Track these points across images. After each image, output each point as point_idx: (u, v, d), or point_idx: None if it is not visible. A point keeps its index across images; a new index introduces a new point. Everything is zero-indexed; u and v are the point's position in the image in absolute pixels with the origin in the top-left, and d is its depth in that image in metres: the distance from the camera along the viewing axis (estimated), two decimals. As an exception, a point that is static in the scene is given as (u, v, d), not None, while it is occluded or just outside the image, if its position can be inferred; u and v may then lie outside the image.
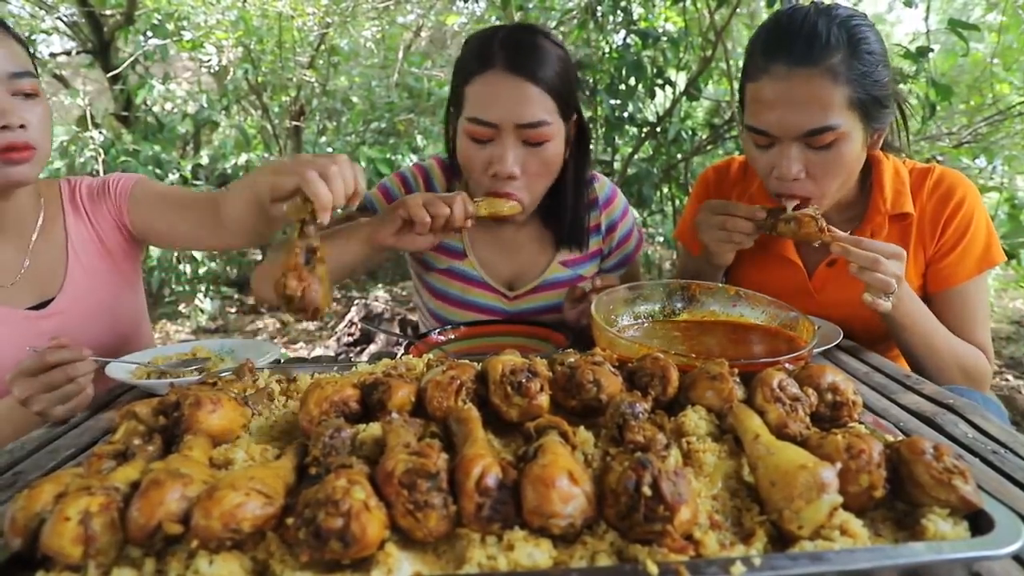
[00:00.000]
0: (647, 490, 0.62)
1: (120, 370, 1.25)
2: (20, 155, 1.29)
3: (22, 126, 1.28)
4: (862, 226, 1.49)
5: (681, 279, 1.65)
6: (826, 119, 1.28)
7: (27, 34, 5.69)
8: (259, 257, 6.02)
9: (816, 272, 1.55)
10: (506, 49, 1.40)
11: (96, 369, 1.17)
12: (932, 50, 3.11)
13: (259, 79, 5.37)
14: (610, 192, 1.74)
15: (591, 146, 1.73)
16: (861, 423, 0.88)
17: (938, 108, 3.16)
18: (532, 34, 1.47)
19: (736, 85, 3.97)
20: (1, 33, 1.31)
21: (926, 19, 3.48)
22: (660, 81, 4.18)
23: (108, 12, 5.27)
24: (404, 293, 6.08)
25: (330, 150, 6.05)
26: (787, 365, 0.96)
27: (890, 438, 0.78)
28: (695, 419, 0.84)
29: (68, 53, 5.97)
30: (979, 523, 0.66)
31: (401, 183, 1.69)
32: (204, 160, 5.82)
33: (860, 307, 1.31)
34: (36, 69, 1.36)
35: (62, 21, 5.66)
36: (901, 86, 3.15)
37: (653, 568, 0.59)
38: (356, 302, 5.07)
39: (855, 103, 1.30)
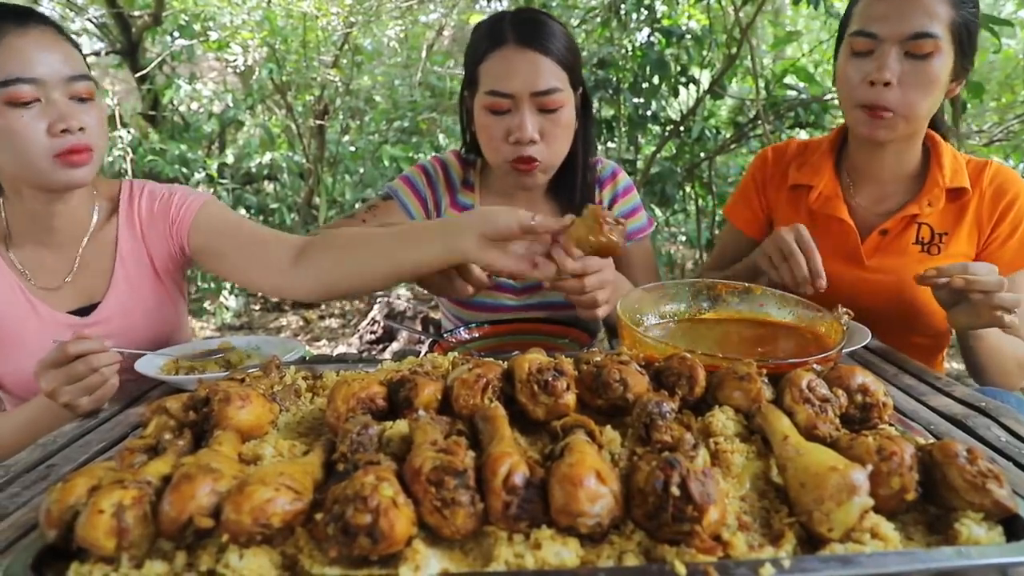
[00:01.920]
0: (675, 490, 0.62)
1: (150, 366, 1.27)
2: (80, 157, 1.30)
3: (81, 129, 1.29)
4: (920, 196, 1.53)
5: (720, 255, 1.76)
6: (932, 26, 1.38)
7: (57, 35, 5.78)
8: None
9: (869, 238, 1.58)
10: (515, 27, 1.50)
11: (120, 361, 1.18)
12: (963, 47, 3.06)
13: (284, 78, 5.42)
14: (611, 172, 1.79)
15: (614, 143, 1.77)
16: (891, 425, 0.86)
17: (969, 106, 3.11)
18: (537, 13, 1.58)
19: (761, 83, 3.95)
20: (57, 37, 1.32)
21: (956, 15, 3.42)
22: (684, 79, 4.16)
23: (136, 13, 5.35)
24: (426, 292, 6.10)
25: (353, 149, 6.09)
26: (816, 366, 0.95)
27: (921, 440, 0.77)
28: (723, 419, 0.83)
29: (97, 54, 6.06)
30: (1014, 528, 0.65)
31: (423, 173, 1.75)
32: (229, 159, 5.89)
33: (907, 277, 1.33)
34: (90, 71, 1.37)
35: (91, 22, 5.75)
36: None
37: (681, 569, 0.58)
38: (378, 300, 5.09)
39: (954, 26, 1.40)
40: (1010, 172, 1.54)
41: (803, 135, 4.08)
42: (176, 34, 5.23)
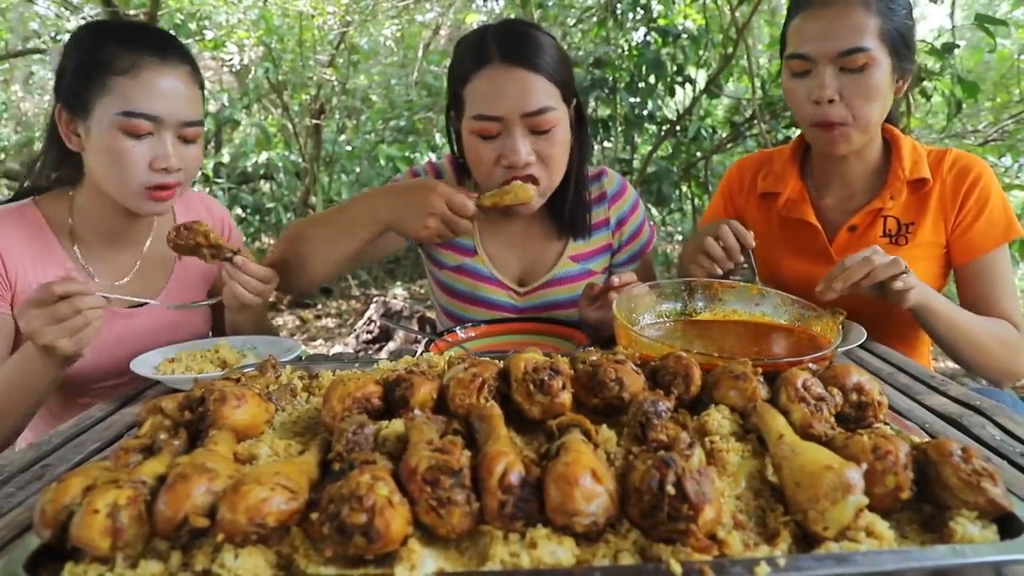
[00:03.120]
0: (671, 489, 0.62)
1: (145, 366, 1.27)
2: (167, 194, 1.39)
3: (179, 168, 1.38)
4: (882, 191, 1.57)
5: None
6: (860, 40, 1.42)
7: (53, 34, 5.78)
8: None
9: (838, 235, 1.62)
10: (500, 43, 1.41)
11: (104, 306, 1.19)
12: (958, 46, 3.07)
13: (280, 78, 5.41)
14: (619, 187, 1.74)
15: (610, 143, 1.76)
16: (887, 424, 0.87)
17: (964, 105, 3.12)
18: (522, 26, 1.49)
19: (758, 83, 3.96)
20: (189, 79, 1.39)
21: (951, 15, 3.44)
22: (680, 79, 4.17)
23: (132, 12, 5.32)
24: (422, 291, 6.10)
25: (349, 148, 6.08)
26: (811, 365, 0.95)
27: (916, 439, 0.77)
28: (718, 418, 0.84)
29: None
30: (1008, 526, 0.65)
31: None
32: (225, 158, 5.88)
33: None
34: (204, 112, 1.45)
35: (86, 21, 5.73)
36: (926, 83, 3.12)
37: (677, 567, 0.58)
38: (375, 300, 5.09)
39: (885, 34, 1.44)
40: (970, 156, 1.57)
41: (798, 134, 4.08)
42: (172, 33, 5.21)
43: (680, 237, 5.86)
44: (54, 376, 1.22)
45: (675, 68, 4.12)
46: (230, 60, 5.30)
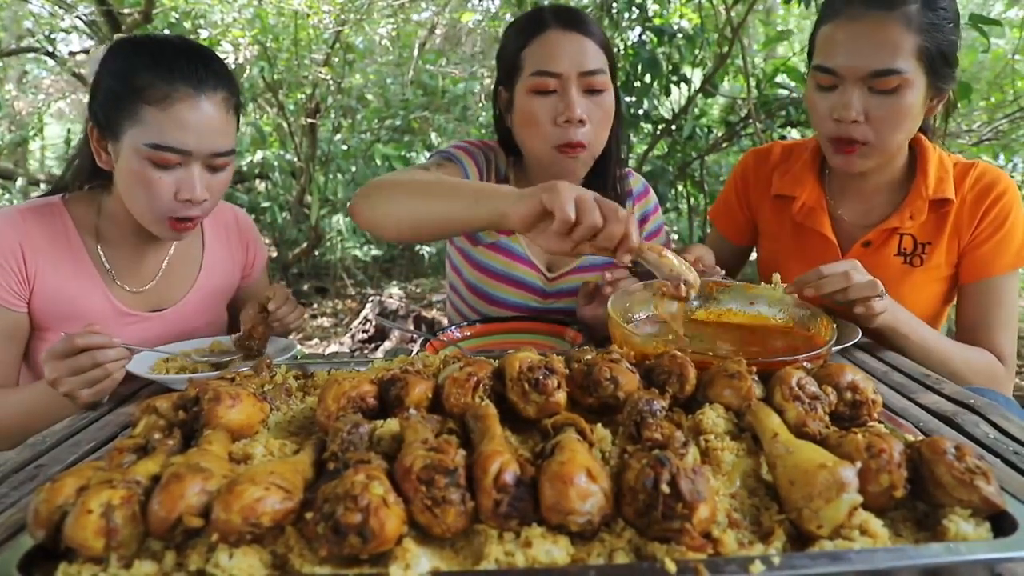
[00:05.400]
0: (666, 488, 0.62)
1: (140, 365, 1.26)
2: (189, 226, 1.39)
3: (204, 200, 1.35)
4: (902, 208, 1.50)
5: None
6: (894, 61, 1.32)
7: (47, 33, 5.76)
8: (274, 254, 6.06)
9: (851, 249, 1.56)
10: (557, 13, 1.54)
11: (128, 357, 1.19)
12: (952, 46, 3.07)
13: (275, 77, 5.38)
14: (643, 187, 1.81)
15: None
16: (881, 422, 0.87)
17: (958, 105, 3.12)
18: (574, 8, 1.57)
19: (752, 82, 3.96)
20: (224, 106, 1.35)
21: (946, 15, 3.43)
22: (675, 78, 4.16)
23: (126, 11, 5.30)
24: (418, 290, 6.10)
25: (345, 147, 6.07)
26: (805, 363, 0.96)
27: (910, 438, 0.77)
28: (713, 417, 0.84)
29: (87, 51, 6.02)
30: (1001, 524, 0.66)
31: (480, 149, 1.67)
32: (221, 158, 5.83)
33: (890, 289, 1.33)
34: (236, 141, 1.42)
35: (81, 20, 5.71)
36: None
37: (671, 566, 0.59)
38: (371, 299, 5.09)
39: (923, 53, 1.33)
40: (995, 172, 1.50)
41: (794, 134, 4.09)
42: (167, 32, 5.20)
43: (676, 236, 5.86)
44: (66, 409, 1.22)
45: (670, 67, 4.12)
46: (225, 59, 5.27)
